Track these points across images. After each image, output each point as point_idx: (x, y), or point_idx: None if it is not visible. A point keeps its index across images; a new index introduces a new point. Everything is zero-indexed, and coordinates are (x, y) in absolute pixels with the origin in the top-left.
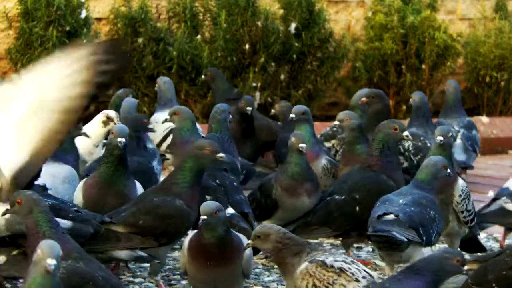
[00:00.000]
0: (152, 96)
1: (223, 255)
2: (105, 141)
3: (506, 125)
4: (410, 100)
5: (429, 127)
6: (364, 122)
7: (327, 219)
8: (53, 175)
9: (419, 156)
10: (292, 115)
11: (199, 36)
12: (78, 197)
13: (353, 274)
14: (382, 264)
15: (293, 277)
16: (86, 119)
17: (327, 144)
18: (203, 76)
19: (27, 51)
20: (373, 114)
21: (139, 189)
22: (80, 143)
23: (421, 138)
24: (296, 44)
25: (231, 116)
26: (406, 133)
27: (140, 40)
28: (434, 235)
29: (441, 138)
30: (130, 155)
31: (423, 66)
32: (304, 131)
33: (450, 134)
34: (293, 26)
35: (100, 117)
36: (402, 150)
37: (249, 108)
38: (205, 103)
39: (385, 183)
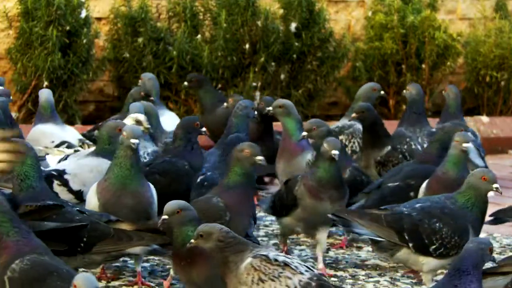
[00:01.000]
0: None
1: (192, 258)
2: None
3: (506, 124)
4: (404, 91)
5: (421, 123)
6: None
7: (381, 203)
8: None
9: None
10: (268, 108)
11: (199, 36)
12: (92, 200)
13: (296, 267)
14: (382, 263)
15: (237, 274)
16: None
17: None
18: (185, 83)
19: (27, 51)
20: (368, 127)
21: (152, 188)
22: None
23: (407, 139)
24: (296, 43)
25: (255, 113)
26: (466, 145)
27: (140, 39)
28: (434, 247)
29: (468, 145)
30: (179, 157)
31: (423, 66)
32: (289, 124)
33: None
34: (293, 25)
35: (129, 121)
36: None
37: (269, 108)
38: None
39: None
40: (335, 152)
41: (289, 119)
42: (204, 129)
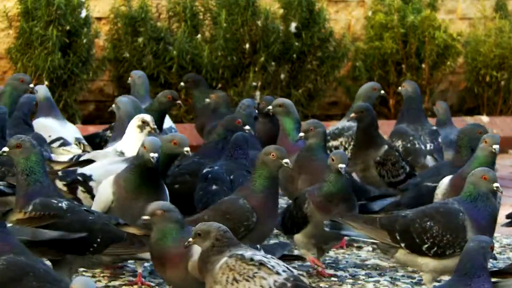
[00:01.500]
0: (152, 96)
1: (169, 259)
2: None
3: (506, 124)
4: (400, 88)
5: (420, 121)
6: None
7: (418, 201)
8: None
9: (408, 159)
10: (269, 107)
11: (199, 36)
12: (105, 192)
13: (273, 267)
14: (382, 263)
15: (213, 273)
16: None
17: (335, 143)
18: (182, 84)
19: (27, 51)
20: (363, 127)
21: (167, 193)
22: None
23: (410, 138)
24: (296, 43)
25: (256, 112)
26: (495, 146)
27: (140, 39)
28: (426, 246)
29: (497, 146)
30: (208, 157)
31: (423, 66)
32: (287, 124)
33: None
34: (293, 25)
35: (135, 121)
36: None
37: (269, 108)
38: None
39: None
40: (342, 165)
41: (288, 118)
42: (247, 127)
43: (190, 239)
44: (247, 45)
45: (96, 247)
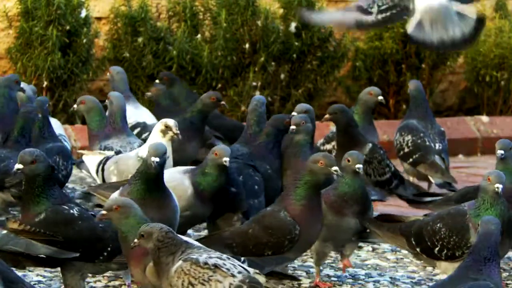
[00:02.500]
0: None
1: (129, 257)
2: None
3: (506, 124)
4: (409, 90)
5: (429, 118)
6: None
7: (465, 198)
8: None
9: (417, 155)
10: (292, 127)
11: (199, 36)
12: None
13: (228, 269)
14: (382, 263)
15: (168, 276)
16: None
17: (328, 146)
18: (157, 81)
19: (27, 51)
20: (341, 128)
21: (174, 197)
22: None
23: (421, 134)
24: (296, 43)
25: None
26: None
27: (140, 39)
28: (437, 249)
29: (502, 152)
30: (260, 160)
31: (423, 66)
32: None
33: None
34: (293, 25)
35: (159, 126)
36: (387, 161)
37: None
38: None
39: None
40: (358, 166)
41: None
42: (293, 126)
43: (136, 240)
44: (247, 45)
45: (106, 255)
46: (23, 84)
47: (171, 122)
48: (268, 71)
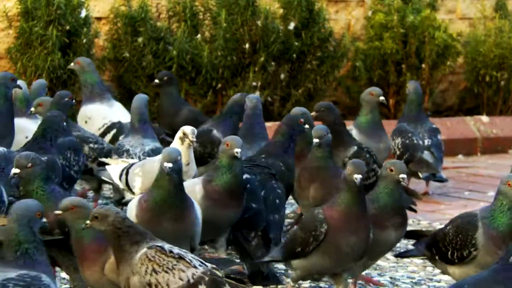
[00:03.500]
0: (152, 95)
1: (83, 258)
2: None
3: (506, 124)
4: (407, 91)
5: (420, 120)
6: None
7: None
8: None
9: (406, 155)
10: (316, 141)
11: (199, 36)
12: (131, 216)
13: (191, 260)
14: (383, 263)
15: (131, 263)
16: None
17: None
18: (156, 81)
19: (27, 51)
20: (328, 127)
21: (196, 207)
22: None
23: (409, 135)
24: (296, 43)
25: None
26: None
27: (140, 39)
28: (449, 252)
29: None
30: (274, 158)
31: (423, 66)
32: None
33: None
34: (292, 25)
35: (179, 132)
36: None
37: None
38: (205, 103)
39: None
40: (403, 176)
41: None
42: (307, 126)
43: (88, 222)
44: (247, 45)
45: None
46: (19, 82)
47: (188, 129)
48: (268, 71)
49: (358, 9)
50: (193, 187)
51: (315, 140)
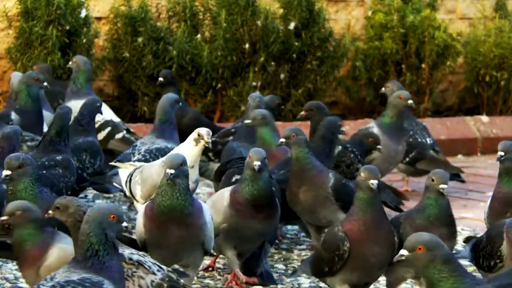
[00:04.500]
0: (152, 95)
1: (24, 261)
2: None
3: (506, 124)
4: (384, 89)
5: (408, 118)
6: (396, 122)
7: None
8: None
9: (413, 153)
10: (247, 121)
11: (199, 36)
12: (139, 226)
13: (149, 267)
14: None
15: None
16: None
17: None
18: (161, 79)
19: (27, 51)
20: (315, 125)
21: (206, 211)
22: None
23: (410, 133)
24: (296, 43)
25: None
26: None
27: (140, 39)
28: (481, 259)
29: (502, 153)
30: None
31: (423, 66)
32: (267, 134)
33: None
34: (292, 25)
35: (193, 134)
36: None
37: (248, 121)
38: (205, 103)
39: None
40: (443, 186)
41: (267, 128)
42: (343, 128)
43: (50, 211)
44: (247, 45)
45: None
46: (15, 73)
47: (203, 130)
48: (268, 71)
49: (358, 9)
50: (223, 193)
51: (281, 140)
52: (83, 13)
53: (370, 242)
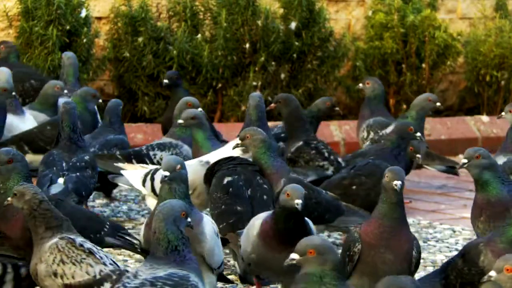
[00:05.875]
0: (152, 95)
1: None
2: None
3: (506, 124)
4: (361, 85)
5: (386, 115)
6: (419, 123)
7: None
8: None
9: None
10: (180, 121)
11: (199, 35)
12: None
13: (101, 258)
14: None
15: (41, 250)
16: None
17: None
18: (166, 81)
19: (28, 50)
20: (285, 118)
21: (206, 222)
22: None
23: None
24: (296, 43)
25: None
26: None
27: (140, 39)
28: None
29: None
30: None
31: (423, 65)
32: (199, 136)
33: None
34: (293, 24)
35: (236, 140)
36: (326, 154)
37: (180, 121)
38: (205, 102)
39: None
40: None
41: (201, 130)
42: (418, 134)
43: (9, 198)
44: (247, 45)
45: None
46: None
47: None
48: (269, 71)
49: (359, 9)
50: (255, 221)
51: (237, 141)
52: (83, 13)
53: (381, 248)
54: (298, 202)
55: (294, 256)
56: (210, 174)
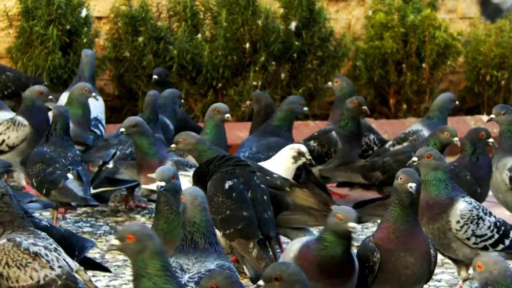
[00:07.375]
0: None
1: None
2: None
3: None
4: (330, 84)
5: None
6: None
7: None
8: None
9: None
10: (121, 129)
11: (199, 35)
12: None
13: (48, 261)
14: None
15: None
16: None
17: (399, 147)
18: (155, 77)
19: (28, 50)
20: (257, 114)
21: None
22: None
23: (375, 130)
24: (297, 43)
25: (305, 108)
26: None
27: (140, 39)
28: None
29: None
30: (463, 167)
31: (424, 65)
32: (144, 143)
33: None
34: (293, 24)
35: (290, 152)
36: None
37: (122, 130)
38: (205, 102)
39: None
40: None
41: (144, 137)
42: (491, 140)
43: None
44: (248, 45)
45: None
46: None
47: (304, 148)
48: (269, 71)
49: (359, 9)
50: (292, 245)
51: (172, 146)
52: (83, 13)
53: (401, 252)
54: (353, 225)
55: (114, 242)
56: (200, 174)
